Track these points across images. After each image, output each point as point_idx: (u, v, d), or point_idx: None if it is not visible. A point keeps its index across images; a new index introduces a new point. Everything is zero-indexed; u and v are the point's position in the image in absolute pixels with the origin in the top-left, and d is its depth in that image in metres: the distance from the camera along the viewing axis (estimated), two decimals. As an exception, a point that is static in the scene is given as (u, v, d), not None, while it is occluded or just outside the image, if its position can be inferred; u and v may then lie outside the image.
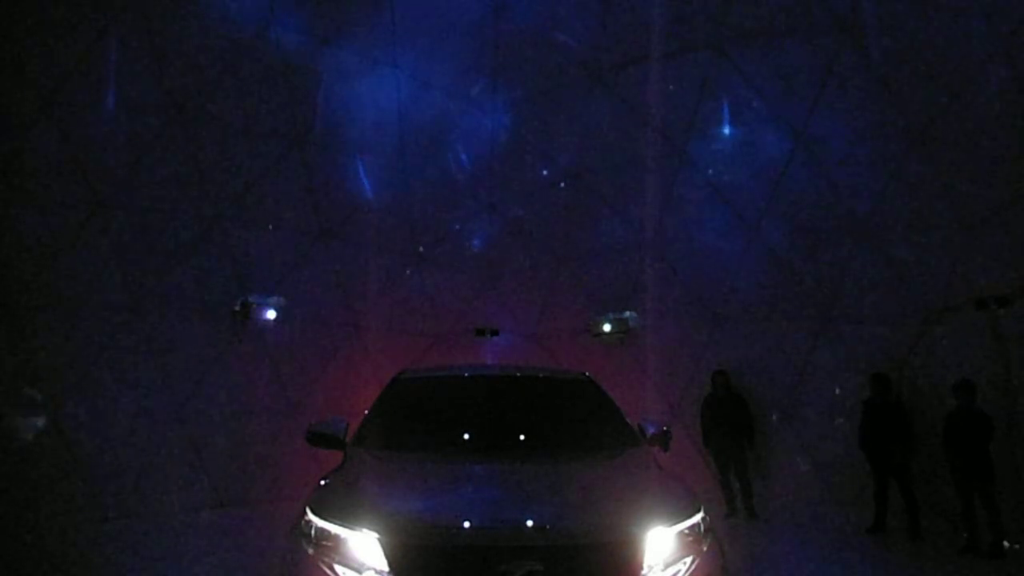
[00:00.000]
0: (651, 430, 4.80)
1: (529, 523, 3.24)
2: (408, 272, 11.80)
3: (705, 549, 3.42)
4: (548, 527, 3.23)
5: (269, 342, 10.28)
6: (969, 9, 7.98)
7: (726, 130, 10.38)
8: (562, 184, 11.69)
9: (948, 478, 7.73)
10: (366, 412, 4.92)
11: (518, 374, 5.77)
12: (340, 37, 10.42)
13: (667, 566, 3.26)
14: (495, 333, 12.13)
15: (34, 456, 8.07)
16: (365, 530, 3.22)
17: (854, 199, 9.32)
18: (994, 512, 7.14)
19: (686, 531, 3.39)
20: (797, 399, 9.84)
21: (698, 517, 3.48)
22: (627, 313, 11.44)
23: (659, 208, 11.06)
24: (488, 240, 12.16)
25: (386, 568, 3.14)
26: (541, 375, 5.85)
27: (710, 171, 10.56)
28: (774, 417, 9.96)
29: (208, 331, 9.62)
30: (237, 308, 9.92)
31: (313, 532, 3.36)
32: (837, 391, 9.44)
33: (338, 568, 3.21)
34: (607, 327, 11.46)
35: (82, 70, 8.40)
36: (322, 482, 3.91)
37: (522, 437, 4.62)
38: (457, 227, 12.06)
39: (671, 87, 10.74)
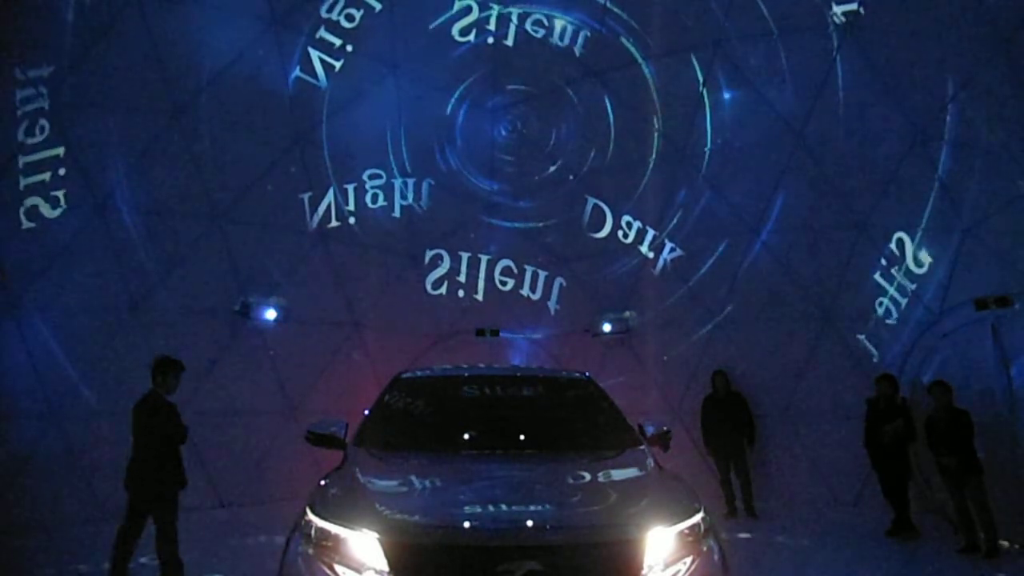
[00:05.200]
0: (651, 430, 4.79)
1: (529, 523, 3.24)
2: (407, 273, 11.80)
3: (705, 549, 3.41)
4: (548, 527, 3.24)
5: (269, 342, 10.28)
6: (969, 9, 7.98)
7: (726, 130, 10.39)
8: (571, 177, 11.71)
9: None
10: (366, 412, 4.92)
11: (518, 374, 5.78)
12: (340, 37, 10.41)
13: (667, 566, 3.25)
14: (495, 333, 12.11)
15: (34, 456, 8.07)
16: (365, 530, 3.22)
17: (854, 199, 9.32)
18: (985, 510, 7.08)
19: (686, 531, 3.38)
20: (797, 399, 9.84)
21: (698, 517, 3.47)
22: (627, 313, 11.44)
23: (659, 208, 11.06)
24: (488, 240, 12.15)
25: (386, 568, 3.14)
26: (541, 375, 5.86)
27: (710, 171, 10.57)
28: (774, 417, 9.96)
29: (208, 331, 9.61)
30: (237, 308, 9.93)
31: (313, 532, 3.35)
32: (837, 391, 9.44)
33: (338, 568, 3.21)
34: (607, 327, 11.46)
35: (83, 70, 8.39)
36: (322, 482, 3.90)
37: (522, 437, 4.61)
38: (457, 227, 12.04)
39: (671, 87, 10.75)
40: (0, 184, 8.03)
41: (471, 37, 11.07)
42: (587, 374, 5.48)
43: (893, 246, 9.02)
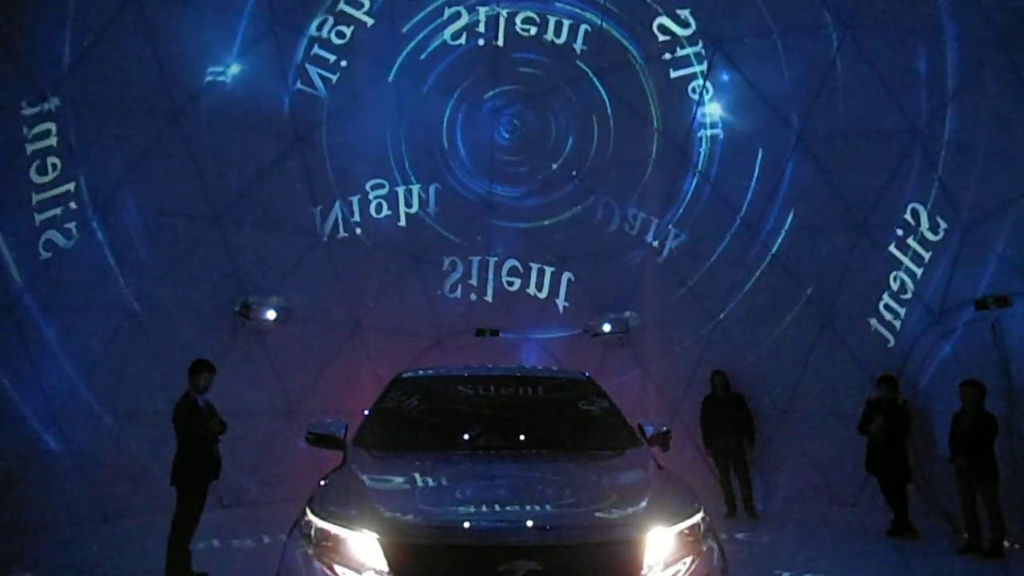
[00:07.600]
0: (651, 430, 4.80)
1: (529, 523, 3.24)
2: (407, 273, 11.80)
3: (705, 549, 3.42)
4: (548, 527, 3.24)
5: (269, 342, 10.27)
6: (969, 9, 7.98)
7: (726, 129, 10.39)
8: (574, 173, 11.70)
9: (949, 478, 7.71)
10: (366, 412, 4.93)
11: (518, 374, 5.78)
12: (334, 53, 10.40)
13: (667, 566, 3.26)
14: (495, 333, 12.11)
15: (34, 456, 8.08)
16: (365, 530, 3.22)
17: (854, 199, 9.32)
18: (996, 512, 7.13)
19: (686, 531, 3.39)
20: (797, 399, 9.84)
21: (698, 517, 3.48)
22: (627, 313, 11.44)
23: (659, 208, 11.06)
24: (488, 239, 12.15)
25: (386, 568, 3.14)
26: (541, 375, 5.88)
27: (710, 170, 10.57)
28: (774, 417, 9.96)
29: (208, 331, 9.60)
30: (237, 308, 9.92)
31: (313, 532, 3.36)
32: (837, 391, 9.43)
33: (338, 568, 3.21)
34: (607, 327, 11.45)
35: (82, 69, 8.39)
36: (322, 482, 3.91)
37: (522, 437, 4.62)
38: (460, 229, 12.03)
39: (671, 87, 10.74)
40: (3, 188, 8.06)
41: (462, 40, 11.07)
42: (587, 374, 5.48)
43: (908, 216, 8.95)
